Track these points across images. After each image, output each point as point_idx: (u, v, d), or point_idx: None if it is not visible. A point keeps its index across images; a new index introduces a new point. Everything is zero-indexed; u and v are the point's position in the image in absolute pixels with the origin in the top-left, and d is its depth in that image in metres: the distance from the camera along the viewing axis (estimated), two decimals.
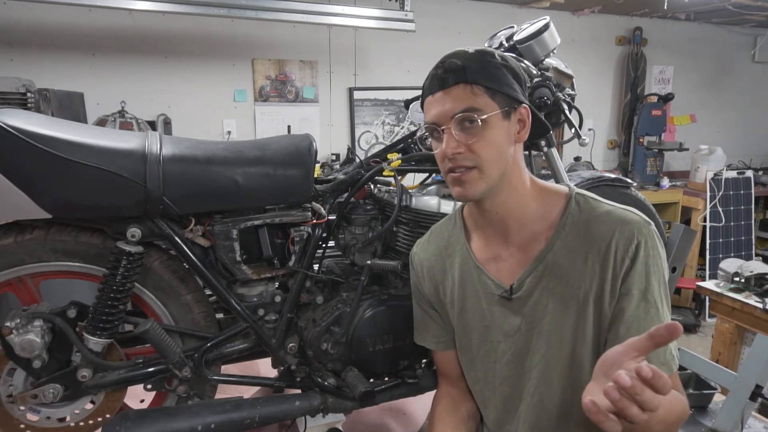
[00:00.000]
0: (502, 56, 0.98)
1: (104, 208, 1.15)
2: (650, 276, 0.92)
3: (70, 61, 3.00)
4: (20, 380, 1.20)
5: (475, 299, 1.07)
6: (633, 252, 0.92)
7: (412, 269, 1.21)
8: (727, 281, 2.48)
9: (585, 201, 1.00)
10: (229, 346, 1.37)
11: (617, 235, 0.93)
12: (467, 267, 1.08)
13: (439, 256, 1.14)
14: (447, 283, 1.12)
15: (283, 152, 1.30)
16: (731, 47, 4.97)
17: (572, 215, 0.98)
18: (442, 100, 0.94)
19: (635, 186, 1.84)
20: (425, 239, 1.21)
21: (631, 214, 0.96)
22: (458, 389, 1.19)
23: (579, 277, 0.95)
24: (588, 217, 0.97)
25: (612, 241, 0.93)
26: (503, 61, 0.96)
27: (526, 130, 0.99)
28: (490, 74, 0.94)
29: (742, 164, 4.88)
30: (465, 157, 0.94)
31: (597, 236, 0.95)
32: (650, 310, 0.91)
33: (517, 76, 0.97)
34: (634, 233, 0.93)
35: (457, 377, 1.19)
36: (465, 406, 1.17)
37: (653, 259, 0.92)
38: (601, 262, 0.93)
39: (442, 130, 0.95)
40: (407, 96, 1.79)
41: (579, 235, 0.96)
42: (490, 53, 0.96)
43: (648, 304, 0.92)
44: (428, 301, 1.18)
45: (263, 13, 2.98)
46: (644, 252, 0.92)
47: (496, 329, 1.05)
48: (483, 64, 0.94)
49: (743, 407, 1.56)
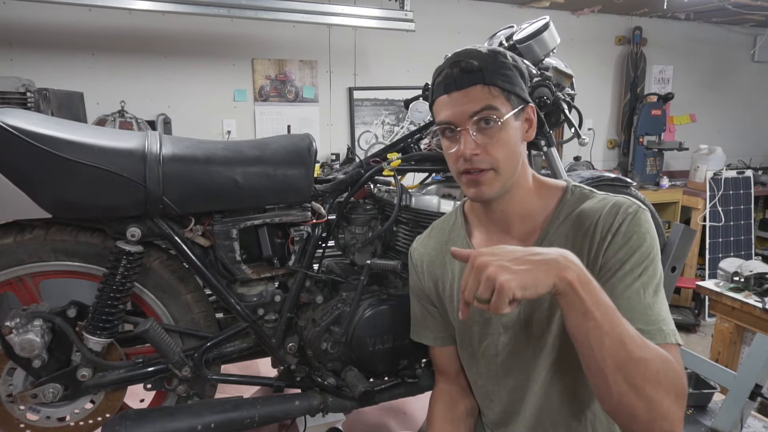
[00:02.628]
0: (513, 56, 0.99)
1: (104, 207, 1.15)
2: (633, 252, 0.90)
3: (69, 61, 3.00)
4: (20, 380, 1.20)
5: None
6: (615, 228, 0.91)
7: (411, 265, 1.21)
8: (727, 281, 2.48)
9: (580, 191, 1.02)
10: (228, 346, 1.37)
11: (604, 214, 0.94)
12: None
13: (440, 252, 1.15)
14: (446, 278, 1.13)
15: (283, 152, 1.30)
16: (731, 47, 4.97)
17: (567, 204, 1.01)
18: (458, 101, 0.94)
19: (635, 185, 1.84)
20: (426, 234, 1.21)
21: (623, 198, 0.96)
22: (456, 386, 1.19)
23: None
24: (581, 205, 0.99)
25: (598, 220, 0.94)
26: (514, 62, 0.98)
27: (533, 129, 1.01)
28: (505, 75, 0.95)
29: (741, 164, 4.87)
30: (481, 159, 0.95)
31: (586, 219, 0.96)
32: (626, 280, 0.88)
33: (523, 76, 0.99)
34: (620, 211, 0.93)
35: (455, 374, 1.19)
36: (463, 403, 1.17)
37: (637, 236, 0.90)
38: (589, 241, 0.94)
39: (458, 131, 0.95)
40: (407, 96, 1.79)
41: (571, 221, 0.98)
42: (503, 53, 0.97)
43: (624, 276, 0.89)
44: (427, 296, 1.18)
45: (263, 13, 2.98)
46: (627, 228, 0.91)
47: (496, 322, 1.05)
48: (499, 65, 0.95)
49: (743, 407, 1.57)
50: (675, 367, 0.81)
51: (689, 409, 1.74)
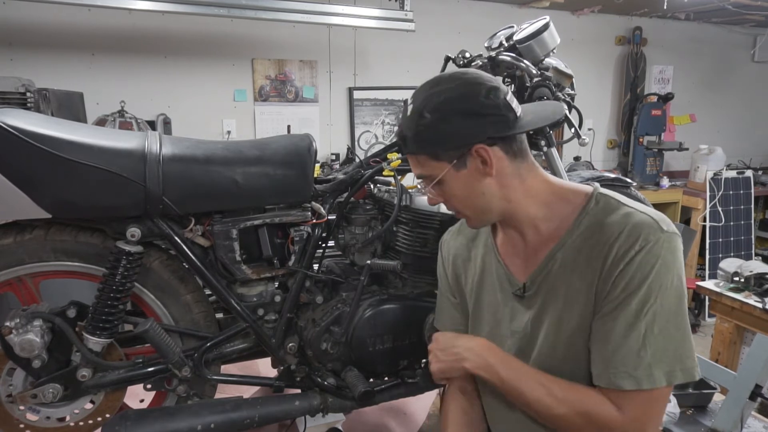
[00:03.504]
0: (439, 104, 0.91)
1: (104, 207, 1.15)
2: (644, 284, 0.84)
3: (69, 61, 2.99)
4: (20, 380, 1.20)
5: (492, 292, 1.08)
6: (631, 256, 0.85)
7: (439, 255, 1.22)
8: (727, 281, 2.47)
9: (606, 201, 0.94)
10: (228, 346, 1.37)
11: (623, 236, 0.87)
12: (489, 259, 1.09)
13: (466, 247, 1.15)
14: (469, 273, 1.13)
15: (283, 152, 1.30)
16: (731, 47, 4.97)
17: (589, 215, 0.94)
18: (410, 161, 1.01)
19: (635, 186, 1.84)
20: (457, 228, 1.21)
21: (647, 218, 0.89)
22: (471, 384, 1.17)
23: (582, 277, 0.92)
24: (603, 217, 0.92)
25: (615, 241, 0.88)
26: (441, 111, 0.91)
27: (492, 163, 0.93)
28: (425, 140, 0.94)
29: (741, 164, 4.87)
30: (451, 207, 1.02)
31: (603, 235, 0.90)
32: (628, 319, 0.85)
33: (467, 112, 0.91)
34: (640, 236, 0.86)
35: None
36: (478, 403, 1.16)
37: (655, 268, 0.84)
38: (602, 262, 0.89)
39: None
40: (407, 96, 1.79)
41: (592, 234, 0.92)
42: (420, 114, 0.92)
43: (627, 315, 0.85)
44: (450, 287, 1.19)
45: (263, 13, 2.98)
46: (643, 258, 0.85)
47: (505, 325, 1.05)
48: (416, 132, 0.94)
49: (743, 407, 1.57)
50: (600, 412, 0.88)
51: (689, 409, 1.74)
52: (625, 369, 0.86)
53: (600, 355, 0.89)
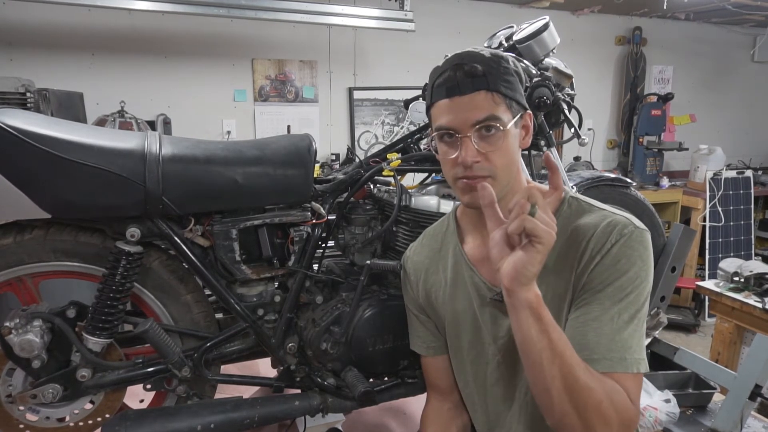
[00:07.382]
0: (513, 61, 0.97)
1: (104, 208, 1.14)
2: (619, 276, 0.86)
3: (69, 61, 3.00)
4: (19, 380, 1.20)
5: (467, 301, 1.06)
6: (606, 249, 0.87)
7: (404, 274, 1.19)
8: (727, 281, 2.48)
9: (578, 204, 0.97)
10: (228, 346, 1.37)
11: (597, 233, 0.89)
12: (459, 268, 1.07)
13: (432, 259, 1.14)
14: (439, 285, 1.12)
15: (283, 152, 1.30)
16: (731, 47, 4.97)
17: (563, 217, 0.95)
18: (461, 106, 0.91)
19: (635, 186, 1.85)
20: (418, 243, 1.20)
21: (620, 217, 0.91)
22: (449, 403, 1.17)
23: (560, 277, 0.93)
24: (577, 219, 0.94)
25: (591, 238, 0.89)
26: (515, 67, 0.95)
27: (529, 136, 0.99)
28: (508, 81, 0.92)
29: (741, 164, 4.88)
30: (481, 166, 0.92)
31: (579, 234, 0.92)
32: (604, 303, 0.85)
33: (522, 81, 0.97)
34: (614, 231, 0.88)
35: (448, 389, 1.17)
36: (455, 423, 1.15)
37: (627, 259, 0.86)
38: (579, 257, 0.90)
39: (459, 137, 0.92)
40: (407, 96, 1.79)
41: (566, 236, 0.93)
42: (505, 58, 0.94)
43: (603, 299, 0.86)
44: (420, 306, 1.17)
45: (263, 13, 2.98)
46: (618, 250, 0.86)
47: (486, 332, 1.04)
48: (502, 70, 0.92)
49: (743, 407, 1.57)
50: (621, 399, 0.82)
51: (689, 409, 1.74)
52: (600, 351, 0.85)
53: (594, 341, 0.86)
